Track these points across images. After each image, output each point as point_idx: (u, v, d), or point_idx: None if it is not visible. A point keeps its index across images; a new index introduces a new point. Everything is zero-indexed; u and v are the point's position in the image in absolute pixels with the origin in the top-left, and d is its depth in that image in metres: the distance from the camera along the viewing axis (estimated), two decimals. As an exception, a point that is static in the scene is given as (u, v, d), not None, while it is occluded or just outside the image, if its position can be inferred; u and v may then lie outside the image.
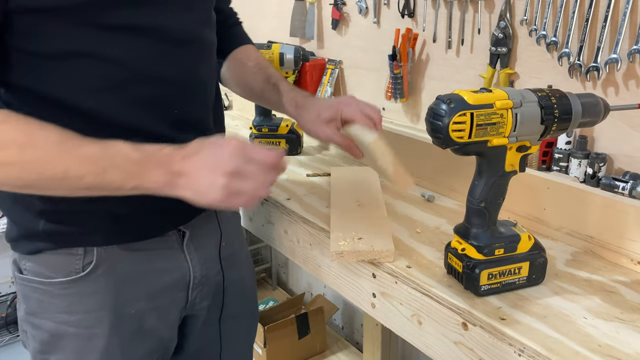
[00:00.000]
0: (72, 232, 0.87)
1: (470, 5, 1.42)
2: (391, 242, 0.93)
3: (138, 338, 0.95)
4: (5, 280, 2.77)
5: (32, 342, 0.94)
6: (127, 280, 0.91)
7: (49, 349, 0.92)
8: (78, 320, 0.90)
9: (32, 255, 0.89)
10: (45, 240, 0.87)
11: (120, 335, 0.92)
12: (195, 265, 0.99)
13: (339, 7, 1.80)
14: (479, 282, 0.79)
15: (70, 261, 0.88)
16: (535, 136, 0.78)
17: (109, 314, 0.91)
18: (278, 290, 2.81)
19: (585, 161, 1.18)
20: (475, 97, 0.74)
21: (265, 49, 1.43)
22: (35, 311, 0.91)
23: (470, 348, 0.79)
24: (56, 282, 0.88)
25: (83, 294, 0.89)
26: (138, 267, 0.92)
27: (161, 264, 0.95)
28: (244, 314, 1.17)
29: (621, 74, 1.15)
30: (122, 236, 0.90)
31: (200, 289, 1.01)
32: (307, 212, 1.11)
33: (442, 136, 0.74)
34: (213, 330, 1.10)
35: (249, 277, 1.19)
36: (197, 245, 0.99)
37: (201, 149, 0.77)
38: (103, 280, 0.89)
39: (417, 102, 1.64)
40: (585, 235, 0.95)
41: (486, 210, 0.80)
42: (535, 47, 1.29)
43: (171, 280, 0.96)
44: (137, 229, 0.91)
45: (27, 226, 0.87)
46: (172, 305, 0.98)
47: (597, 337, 0.72)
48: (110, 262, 0.89)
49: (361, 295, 0.98)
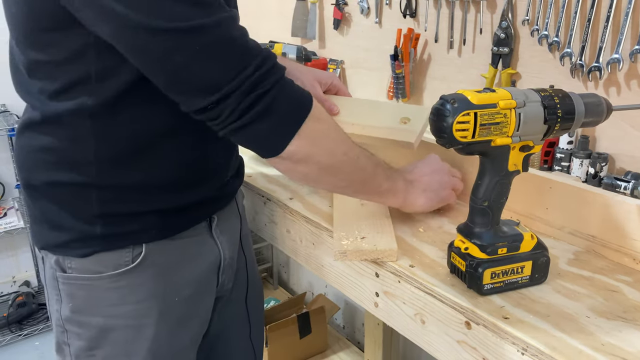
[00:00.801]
0: (126, 232, 0.89)
1: (472, 5, 1.42)
2: (394, 242, 0.93)
3: (183, 325, 0.97)
4: (7, 279, 2.78)
5: (77, 340, 0.94)
6: (171, 269, 0.94)
7: (96, 345, 0.93)
8: (128, 311, 0.92)
9: (82, 258, 0.89)
10: (100, 243, 0.88)
11: (167, 323, 0.94)
12: (224, 248, 1.03)
13: (341, 7, 1.81)
14: (482, 281, 0.79)
15: (120, 255, 0.89)
16: (539, 136, 0.79)
17: (157, 302, 0.93)
18: (279, 290, 2.82)
19: (587, 161, 1.19)
20: (478, 96, 0.74)
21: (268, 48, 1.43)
22: (83, 308, 0.91)
23: (473, 347, 0.79)
24: (105, 277, 0.89)
25: (133, 285, 0.91)
26: (178, 255, 0.95)
27: (196, 250, 0.98)
28: (259, 292, 1.24)
29: (623, 74, 1.15)
30: (167, 230, 0.93)
31: (228, 270, 1.06)
32: (310, 211, 1.11)
33: (446, 136, 0.74)
34: (240, 310, 1.15)
35: (254, 257, 1.26)
36: (222, 229, 1.03)
37: (416, 165, 1.03)
38: (151, 270, 0.92)
39: (419, 102, 1.64)
40: (588, 235, 0.95)
41: (489, 209, 0.80)
42: (537, 47, 1.29)
43: (206, 264, 1.00)
44: (180, 222, 0.94)
45: (81, 230, 0.88)
46: (207, 288, 1.02)
47: (600, 336, 0.72)
48: (155, 253, 0.92)
49: (364, 294, 0.98)
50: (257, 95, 0.75)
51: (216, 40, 0.74)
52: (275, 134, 0.79)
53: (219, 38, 0.74)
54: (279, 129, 0.79)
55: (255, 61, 0.75)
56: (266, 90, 0.76)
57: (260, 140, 0.81)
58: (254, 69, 0.75)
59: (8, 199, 2.69)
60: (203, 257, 1.00)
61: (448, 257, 0.87)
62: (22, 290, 2.72)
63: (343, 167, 0.86)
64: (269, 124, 0.78)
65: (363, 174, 0.88)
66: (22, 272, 2.83)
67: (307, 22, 1.95)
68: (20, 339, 2.56)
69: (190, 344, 1.01)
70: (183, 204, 0.93)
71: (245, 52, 0.76)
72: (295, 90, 0.81)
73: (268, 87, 0.76)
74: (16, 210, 2.60)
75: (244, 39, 0.77)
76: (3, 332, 2.56)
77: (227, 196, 1.04)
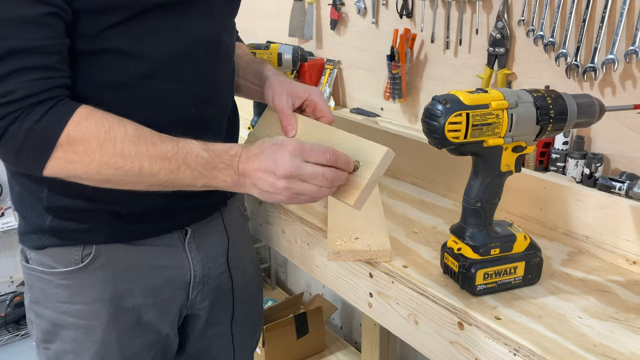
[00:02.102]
0: (76, 229, 0.89)
1: (468, 6, 1.42)
2: (388, 242, 0.93)
3: (135, 332, 0.96)
4: (4, 279, 2.78)
5: (36, 330, 0.96)
6: (126, 274, 0.93)
7: (50, 338, 0.94)
8: (77, 310, 0.92)
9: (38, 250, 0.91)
10: (51, 236, 0.89)
11: (117, 328, 0.94)
12: (196, 264, 0.99)
13: (338, 7, 1.81)
14: (475, 281, 0.80)
15: (70, 252, 0.90)
16: (531, 136, 0.79)
17: (106, 306, 0.92)
18: (277, 290, 2.81)
19: (582, 161, 1.19)
20: (471, 97, 0.74)
21: (264, 49, 1.43)
22: (39, 300, 0.93)
23: (465, 347, 0.79)
24: (57, 272, 0.90)
25: (82, 285, 0.91)
26: (137, 261, 0.93)
27: (161, 261, 0.96)
28: (251, 316, 1.18)
29: (618, 75, 1.15)
30: (123, 235, 0.91)
31: (201, 288, 1.02)
32: (305, 212, 1.11)
33: (437, 136, 0.74)
34: (224, 334, 1.11)
35: (255, 279, 1.19)
36: (199, 244, 1.00)
37: (263, 150, 0.80)
38: (101, 272, 0.91)
39: (416, 102, 1.64)
40: (582, 236, 0.95)
41: (482, 210, 0.80)
42: (532, 48, 1.29)
43: (171, 277, 0.97)
44: (140, 229, 0.92)
45: (35, 221, 0.90)
46: (172, 302, 0.99)
47: (592, 337, 0.73)
48: (109, 255, 0.91)
49: (358, 294, 0.98)
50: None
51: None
52: (23, 160, 0.76)
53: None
54: (23, 156, 0.75)
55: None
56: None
57: (12, 162, 0.79)
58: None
59: (6, 199, 2.68)
60: (169, 270, 0.97)
61: (441, 258, 0.87)
62: (19, 290, 2.71)
63: (119, 180, 0.78)
64: (7, 150, 0.75)
65: (153, 179, 0.79)
66: (20, 272, 2.82)
67: (305, 22, 1.95)
68: (17, 339, 2.56)
69: (144, 352, 0.98)
70: (143, 210, 0.89)
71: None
72: (39, 120, 0.73)
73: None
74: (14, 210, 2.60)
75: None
76: (0, 332, 2.56)
77: (206, 208, 1.00)
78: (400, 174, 1.29)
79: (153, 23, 0.83)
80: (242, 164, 0.80)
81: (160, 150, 0.78)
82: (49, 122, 0.74)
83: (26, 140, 0.73)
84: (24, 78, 0.73)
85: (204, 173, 0.80)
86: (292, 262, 2.75)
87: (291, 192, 0.78)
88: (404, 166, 1.27)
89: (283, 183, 0.78)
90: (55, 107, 0.75)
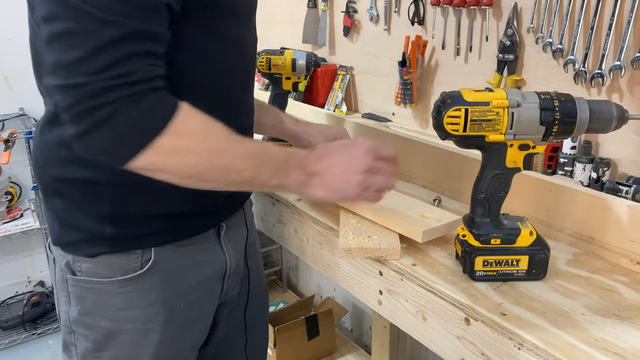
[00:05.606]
0: (136, 234, 0.90)
1: (478, 13, 1.45)
2: (398, 240, 0.96)
3: (186, 330, 0.99)
4: (22, 279, 2.83)
5: (83, 342, 0.95)
6: (178, 275, 0.95)
7: (102, 347, 0.94)
8: (135, 316, 0.92)
9: (91, 258, 0.90)
10: (109, 244, 0.89)
11: (172, 328, 0.96)
12: (231, 256, 1.04)
13: (351, 14, 1.84)
14: (474, 267, 0.85)
15: (129, 260, 0.90)
16: (537, 136, 0.82)
17: (164, 308, 0.94)
18: (288, 293, 2.84)
19: (590, 166, 1.21)
20: (474, 95, 0.80)
21: (278, 54, 1.46)
22: (91, 311, 0.92)
23: (472, 342, 0.81)
24: (115, 281, 0.90)
25: (142, 290, 0.92)
26: (186, 261, 0.96)
27: (203, 257, 1.00)
28: (262, 301, 1.24)
29: (625, 81, 1.17)
30: (176, 235, 0.94)
31: (234, 278, 1.07)
32: (317, 212, 1.14)
33: (439, 128, 0.81)
34: (239, 320, 1.15)
35: (262, 267, 1.26)
36: (230, 238, 1.04)
37: (333, 151, 0.89)
38: (158, 276, 0.93)
39: (426, 108, 1.67)
40: (587, 237, 0.97)
41: (486, 201, 0.85)
42: (541, 55, 1.32)
43: (212, 271, 1.02)
44: (188, 228, 0.96)
45: (92, 230, 0.89)
46: (211, 295, 1.03)
47: (594, 332, 0.75)
48: (164, 258, 0.93)
49: (368, 292, 1.01)
50: (99, 103, 0.70)
51: None
52: (117, 147, 0.74)
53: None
54: (120, 143, 0.73)
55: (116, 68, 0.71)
56: (109, 102, 0.71)
57: (102, 150, 0.75)
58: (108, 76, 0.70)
59: (24, 201, 2.75)
60: (209, 265, 1.01)
61: (454, 244, 0.92)
62: (36, 290, 2.77)
63: (208, 176, 0.79)
64: (107, 135, 0.73)
65: (237, 176, 0.81)
66: (37, 272, 2.88)
67: (318, 29, 1.99)
68: (34, 338, 2.61)
69: (191, 348, 1.03)
70: (191, 210, 0.93)
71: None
72: (148, 107, 0.73)
73: (112, 99, 0.71)
74: (32, 211, 2.66)
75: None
76: (18, 331, 2.61)
77: (235, 205, 1.06)
78: (410, 177, 1.32)
79: (222, 29, 0.88)
80: (312, 165, 0.86)
81: (247, 147, 0.81)
82: (158, 110, 0.74)
83: (134, 124, 0.72)
84: (143, 62, 0.72)
85: (281, 171, 0.84)
86: (303, 265, 2.78)
87: (363, 186, 0.86)
88: (415, 169, 1.30)
89: (359, 177, 0.86)
90: (164, 95, 0.75)
